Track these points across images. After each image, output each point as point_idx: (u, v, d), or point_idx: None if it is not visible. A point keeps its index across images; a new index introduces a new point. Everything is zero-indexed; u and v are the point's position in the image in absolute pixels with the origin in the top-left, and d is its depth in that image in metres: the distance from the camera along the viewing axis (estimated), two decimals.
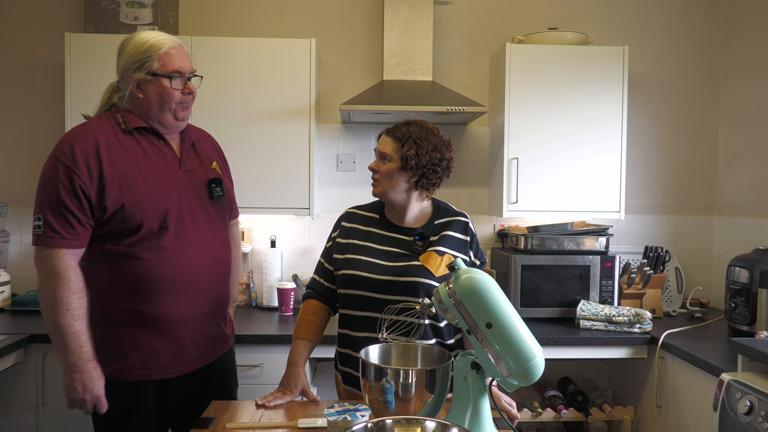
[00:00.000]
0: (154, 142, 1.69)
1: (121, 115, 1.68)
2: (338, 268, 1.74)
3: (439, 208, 1.78)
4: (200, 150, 1.81)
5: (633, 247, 3.12)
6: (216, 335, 1.80)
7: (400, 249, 1.70)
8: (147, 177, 1.63)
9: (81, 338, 1.54)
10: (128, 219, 1.58)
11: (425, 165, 1.67)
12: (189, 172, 1.73)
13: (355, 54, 3.06)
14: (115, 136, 1.64)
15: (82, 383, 1.54)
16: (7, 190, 2.93)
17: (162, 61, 1.64)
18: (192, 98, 1.73)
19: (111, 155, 1.60)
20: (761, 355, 1.79)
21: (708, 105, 3.15)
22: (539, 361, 1.28)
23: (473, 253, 1.75)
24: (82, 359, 1.54)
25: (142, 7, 2.74)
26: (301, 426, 1.46)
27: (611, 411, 2.62)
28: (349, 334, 1.71)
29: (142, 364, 1.64)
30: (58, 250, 1.54)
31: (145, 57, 1.63)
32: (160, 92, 1.65)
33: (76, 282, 1.55)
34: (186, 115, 1.72)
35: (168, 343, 1.66)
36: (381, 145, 1.72)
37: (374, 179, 1.73)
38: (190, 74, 1.71)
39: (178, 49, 1.68)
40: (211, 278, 1.73)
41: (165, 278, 1.62)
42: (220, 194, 1.75)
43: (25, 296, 2.74)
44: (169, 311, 1.65)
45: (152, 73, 1.64)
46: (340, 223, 1.82)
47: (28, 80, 2.93)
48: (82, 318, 1.55)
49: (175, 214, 1.65)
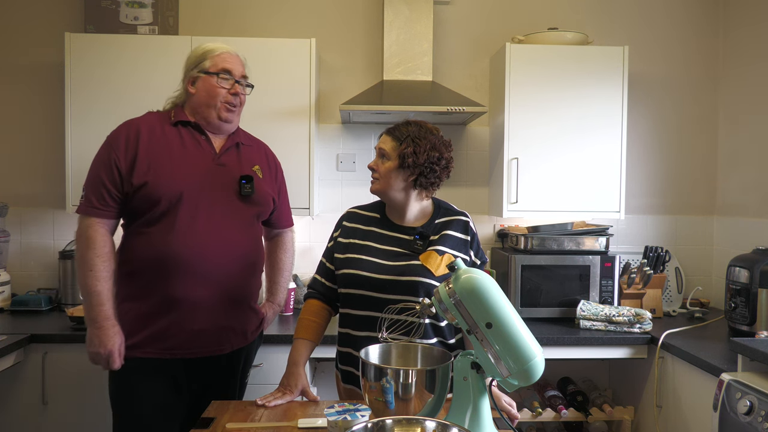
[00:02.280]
0: (195, 135, 1.85)
1: (175, 110, 1.87)
2: (339, 268, 1.74)
3: (439, 208, 1.78)
4: (244, 152, 1.93)
5: (633, 247, 3.12)
6: (231, 327, 1.85)
7: (401, 248, 1.70)
8: (174, 162, 1.78)
9: (101, 297, 1.71)
10: (148, 196, 1.73)
11: (423, 163, 1.67)
12: (222, 166, 1.85)
13: (355, 54, 3.06)
14: (161, 127, 1.83)
15: (99, 338, 1.70)
16: (7, 190, 2.92)
17: (214, 61, 1.84)
18: (240, 102, 1.88)
19: (150, 140, 1.78)
20: (761, 355, 1.79)
21: (708, 105, 3.15)
22: (539, 361, 1.28)
23: (474, 253, 1.75)
24: (101, 316, 1.71)
25: (142, 7, 2.74)
26: (301, 426, 1.47)
27: (611, 411, 2.62)
28: (350, 333, 1.71)
29: (151, 341, 1.75)
30: (90, 218, 1.75)
31: (201, 58, 1.85)
32: (208, 88, 1.83)
33: (102, 247, 1.73)
34: (230, 117, 1.86)
35: (175, 324, 1.75)
36: (380, 144, 1.74)
37: (374, 177, 1.74)
38: (240, 78, 1.87)
39: (231, 54, 1.88)
40: (224, 267, 1.80)
41: (174, 258, 1.73)
42: (249, 191, 1.84)
43: (25, 296, 2.74)
44: (177, 292, 1.74)
45: (204, 71, 1.84)
46: (342, 222, 1.83)
47: (28, 80, 2.93)
48: (105, 280, 1.72)
49: (191, 198, 1.76)
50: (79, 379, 2.32)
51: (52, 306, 2.78)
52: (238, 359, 1.92)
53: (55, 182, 2.83)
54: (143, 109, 1.92)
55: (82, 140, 2.56)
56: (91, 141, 1.86)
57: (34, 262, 2.95)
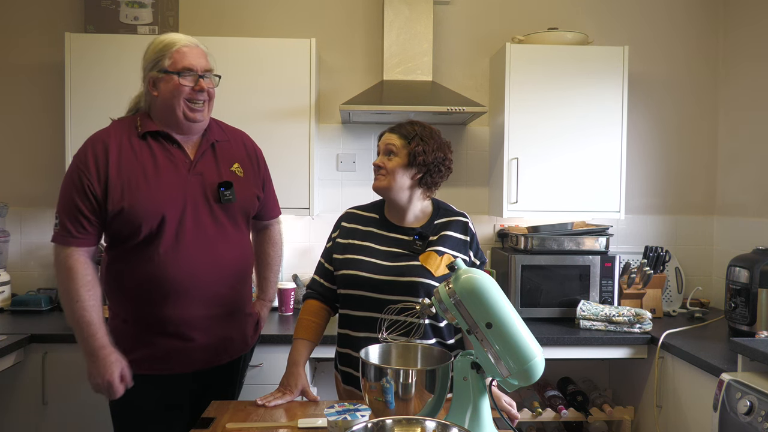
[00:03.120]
0: (166, 146, 1.72)
1: (141, 118, 1.74)
2: (338, 268, 1.74)
3: (439, 208, 1.78)
4: (220, 151, 1.80)
5: (633, 247, 3.12)
6: (228, 338, 1.81)
7: (400, 249, 1.70)
8: (150, 182, 1.67)
9: (93, 327, 1.62)
10: (127, 222, 1.64)
11: (432, 162, 1.68)
12: (199, 176, 1.73)
13: (355, 54, 3.06)
14: (129, 141, 1.70)
15: (97, 369, 1.62)
16: (7, 190, 2.92)
17: (173, 58, 1.67)
18: (207, 97, 1.72)
19: (120, 159, 1.66)
20: (761, 355, 1.79)
21: (708, 105, 3.15)
22: (539, 361, 1.28)
23: (473, 253, 1.74)
24: (96, 346, 1.62)
25: (142, 7, 2.74)
26: (301, 426, 1.47)
27: (611, 411, 2.62)
28: (349, 334, 1.71)
29: (148, 363, 1.70)
30: (69, 248, 1.64)
31: (159, 56, 1.68)
32: (171, 89, 1.68)
33: (85, 276, 1.64)
34: (197, 116, 1.71)
35: (173, 344, 1.71)
36: (387, 140, 1.72)
37: (380, 174, 1.71)
38: (204, 72, 1.70)
39: (191, 47, 1.70)
40: (214, 282, 1.74)
41: (163, 282, 1.67)
42: (229, 198, 1.74)
43: (25, 296, 2.74)
44: (170, 315, 1.69)
45: (164, 71, 1.68)
46: (340, 223, 1.82)
47: (28, 80, 2.93)
48: (93, 309, 1.63)
49: (174, 219, 1.67)
50: (79, 379, 2.30)
51: (52, 306, 2.78)
52: (237, 363, 1.90)
53: (55, 182, 2.79)
54: None
55: (82, 140, 2.51)
56: None
57: (34, 262, 2.95)
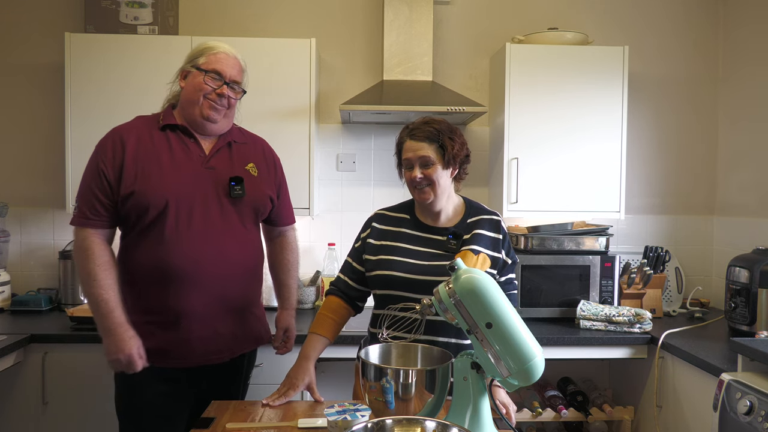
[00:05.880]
0: (183, 139, 1.80)
1: (164, 113, 1.83)
2: (371, 269, 1.73)
3: (471, 207, 1.78)
4: (236, 151, 1.87)
5: (633, 247, 3.12)
6: (232, 334, 1.82)
7: (434, 249, 1.69)
8: (164, 169, 1.74)
9: (110, 305, 1.68)
10: (136, 204, 1.71)
11: (463, 154, 1.71)
12: (212, 170, 1.79)
13: (355, 54, 3.06)
14: (149, 133, 1.78)
15: (115, 344, 1.67)
16: (7, 190, 2.92)
17: (208, 59, 1.78)
18: (226, 104, 1.80)
19: (137, 148, 1.75)
20: (761, 355, 1.79)
21: (708, 105, 3.15)
22: (539, 361, 1.28)
23: (505, 252, 1.74)
24: (113, 323, 1.68)
25: (142, 7, 2.74)
26: (301, 426, 1.47)
27: (611, 411, 2.62)
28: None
29: (153, 352, 1.72)
30: (85, 230, 1.73)
31: (198, 53, 1.80)
32: (195, 84, 1.78)
33: (101, 256, 1.71)
34: (213, 115, 1.78)
35: (174, 334, 1.73)
36: (416, 150, 1.68)
37: (424, 189, 1.69)
38: (230, 80, 1.79)
39: (228, 56, 1.81)
40: (218, 276, 1.76)
41: (167, 268, 1.70)
42: (239, 193, 1.79)
43: (25, 296, 2.74)
44: (172, 304, 1.72)
45: (196, 67, 1.78)
46: (371, 223, 1.81)
47: (28, 80, 2.93)
48: (110, 287, 1.69)
49: (182, 207, 1.72)
50: (79, 379, 2.32)
51: (52, 306, 2.78)
52: (241, 362, 1.90)
53: (55, 182, 2.83)
54: (143, 109, 1.92)
55: (82, 140, 2.55)
56: (91, 141, 1.84)
57: (34, 262, 2.95)
